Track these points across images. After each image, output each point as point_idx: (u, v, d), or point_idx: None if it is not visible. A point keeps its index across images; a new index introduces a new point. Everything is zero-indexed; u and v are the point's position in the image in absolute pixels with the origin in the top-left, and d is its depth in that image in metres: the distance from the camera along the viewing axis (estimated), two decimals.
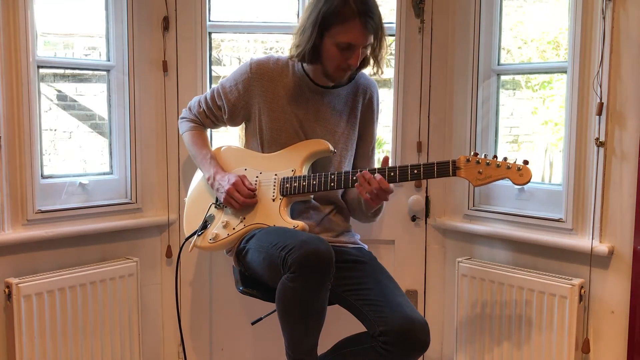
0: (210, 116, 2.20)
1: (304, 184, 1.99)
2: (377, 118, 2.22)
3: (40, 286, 2.15)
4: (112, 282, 2.34)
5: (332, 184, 1.96)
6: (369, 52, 1.98)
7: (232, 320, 2.62)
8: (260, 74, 2.08)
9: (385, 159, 1.95)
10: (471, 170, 1.84)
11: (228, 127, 2.27)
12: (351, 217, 2.22)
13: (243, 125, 2.23)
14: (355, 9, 1.87)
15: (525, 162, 1.81)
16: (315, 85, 2.07)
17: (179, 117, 2.31)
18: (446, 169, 1.86)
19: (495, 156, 1.84)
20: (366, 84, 2.16)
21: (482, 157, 1.84)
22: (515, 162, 1.82)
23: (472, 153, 1.86)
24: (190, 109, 2.26)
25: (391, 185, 1.89)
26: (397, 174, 1.89)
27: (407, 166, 1.89)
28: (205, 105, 2.20)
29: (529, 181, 1.81)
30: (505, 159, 1.83)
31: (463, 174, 1.85)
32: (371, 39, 1.93)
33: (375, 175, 1.88)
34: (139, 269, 2.42)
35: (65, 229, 2.28)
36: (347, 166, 2.16)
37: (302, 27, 1.97)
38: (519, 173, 1.81)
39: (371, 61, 2.03)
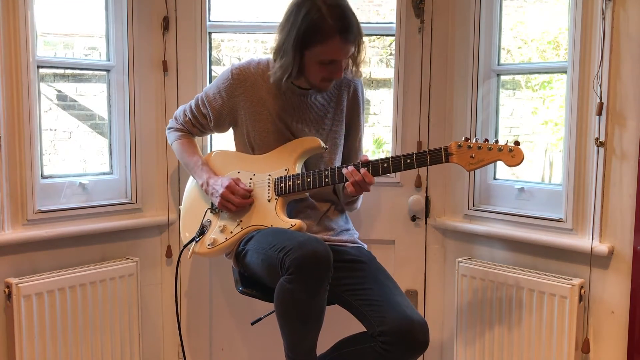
0: (197, 124, 2.20)
1: (299, 182, 2.00)
2: (363, 110, 2.20)
3: (40, 286, 2.15)
4: (112, 282, 2.34)
5: (327, 180, 1.96)
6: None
7: (232, 320, 2.62)
8: (242, 79, 2.08)
9: (364, 158, 1.94)
10: (463, 155, 1.84)
11: (215, 133, 2.27)
12: (348, 213, 2.23)
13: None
14: (334, 25, 1.84)
15: (517, 143, 1.81)
16: (297, 87, 2.07)
17: (167, 127, 2.31)
18: (439, 156, 1.86)
19: (486, 139, 1.84)
20: (349, 77, 2.13)
21: (474, 141, 1.84)
22: (506, 143, 1.82)
23: (463, 138, 1.86)
24: (176, 118, 2.26)
25: (374, 178, 1.91)
26: (390, 165, 1.89)
27: (400, 156, 1.89)
28: (190, 114, 2.20)
29: (521, 161, 1.80)
30: (496, 141, 1.83)
31: (455, 159, 1.85)
32: (352, 49, 1.92)
33: (360, 170, 1.89)
34: (139, 269, 2.42)
35: (65, 229, 2.29)
36: (337, 162, 2.16)
37: (281, 47, 1.94)
38: (511, 154, 1.80)
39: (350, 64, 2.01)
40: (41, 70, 2.30)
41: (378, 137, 3.50)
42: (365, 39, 1.99)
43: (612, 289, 2.09)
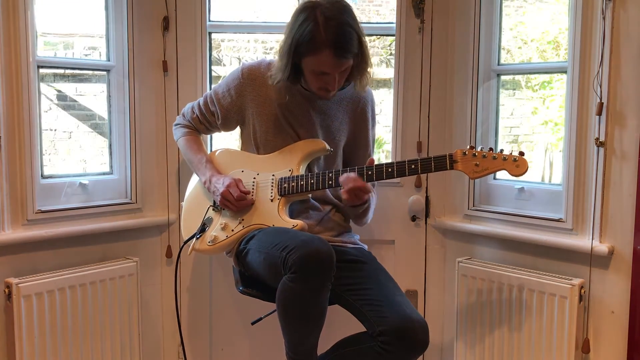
0: (204, 122, 2.20)
1: (302, 183, 2.00)
2: (372, 125, 2.20)
3: (40, 286, 2.15)
4: (112, 282, 2.34)
5: (330, 182, 1.97)
6: (352, 67, 1.94)
7: (232, 320, 2.62)
8: (252, 78, 2.08)
9: (371, 161, 1.95)
10: (468, 163, 1.85)
11: (222, 132, 2.27)
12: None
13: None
14: (326, 39, 1.83)
15: (521, 154, 1.83)
16: (306, 90, 2.07)
17: (173, 123, 2.31)
18: (443, 163, 1.86)
19: (491, 148, 1.86)
20: (361, 94, 2.13)
21: (479, 150, 1.85)
22: (511, 153, 1.83)
23: (468, 146, 1.87)
24: (183, 115, 2.27)
25: (370, 184, 1.91)
26: (394, 170, 1.90)
27: (405, 162, 1.89)
28: (198, 111, 2.21)
29: (525, 172, 1.82)
30: (501, 150, 1.85)
31: (460, 167, 1.85)
32: (348, 63, 1.90)
33: (349, 173, 1.90)
34: (139, 269, 2.42)
35: (65, 229, 2.29)
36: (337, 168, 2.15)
37: (280, 51, 1.95)
38: (515, 164, 1.82)
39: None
40: (41, 70, 2.30)
41: (378, 137, 3.50)
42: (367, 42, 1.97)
43: (612, 289, 2.09)
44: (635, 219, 2.01)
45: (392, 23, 2.48)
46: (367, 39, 1.97)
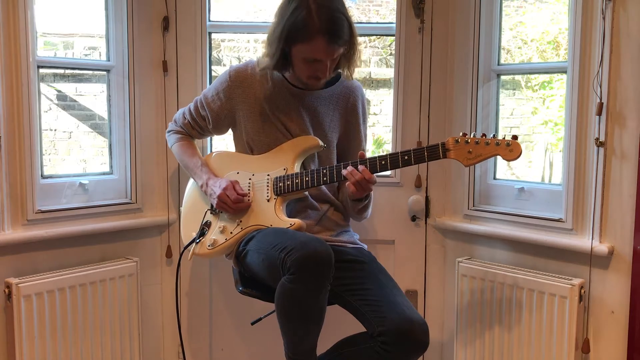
0: (196, 127, 2.21)
1: (297, 181, 2.00)
2: (363, 120, 2.20)
3: (40, 286, 2.15)
4: (112, 282, 2.34)
5: (325, 179, 1.97)
6: (341, 56, 1.95)
7: (232, 321, 2.62)
8: (240, 80, 2.08)
9: (361, 155, 1.94)
10: (461, 150, 1.84)
11: (215, 135, 2.27)
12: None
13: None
14: (319, 25, 1.83)
15: (514, 137, 1.81)
16: (295, 87, 2.07)
17: (166, 130, 2.31)
18: (436, 152, 1.85)
19: (484, 134, 1.84)
20: (350, 87, 2.14)
21: (471, 136, 1.84)
22: (504, 138, 1.82)
23: (460, 133, 1.86)
24: (175, 121, 2.27)
25: (374, 176, 1.91)
26: (388, 162, 1.89)
27: (397, 153, 1.89)
28: (189, 117, 2.21)
29: (519, 156, 1.80)
30: (494, 136, 1.83)
31: (453, 155, 1.84)
32: (340, 50, 1.90)
33: (359, 167, 1.89)
34: (139, 269, 2.42)
35: (65, 229, 2.29)
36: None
37: (269, 38, 1.94)
38: (509, 149, 1.80)
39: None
40: (41, 70, 2.30)
41: (378, 137, 3.50)
42: (364, 39, 1.98)
43: (612, 289, 2.09)
44: (635, 219, 2.00)
45: (392, 23, 2.48)
46: (366, 38, 1.98)
